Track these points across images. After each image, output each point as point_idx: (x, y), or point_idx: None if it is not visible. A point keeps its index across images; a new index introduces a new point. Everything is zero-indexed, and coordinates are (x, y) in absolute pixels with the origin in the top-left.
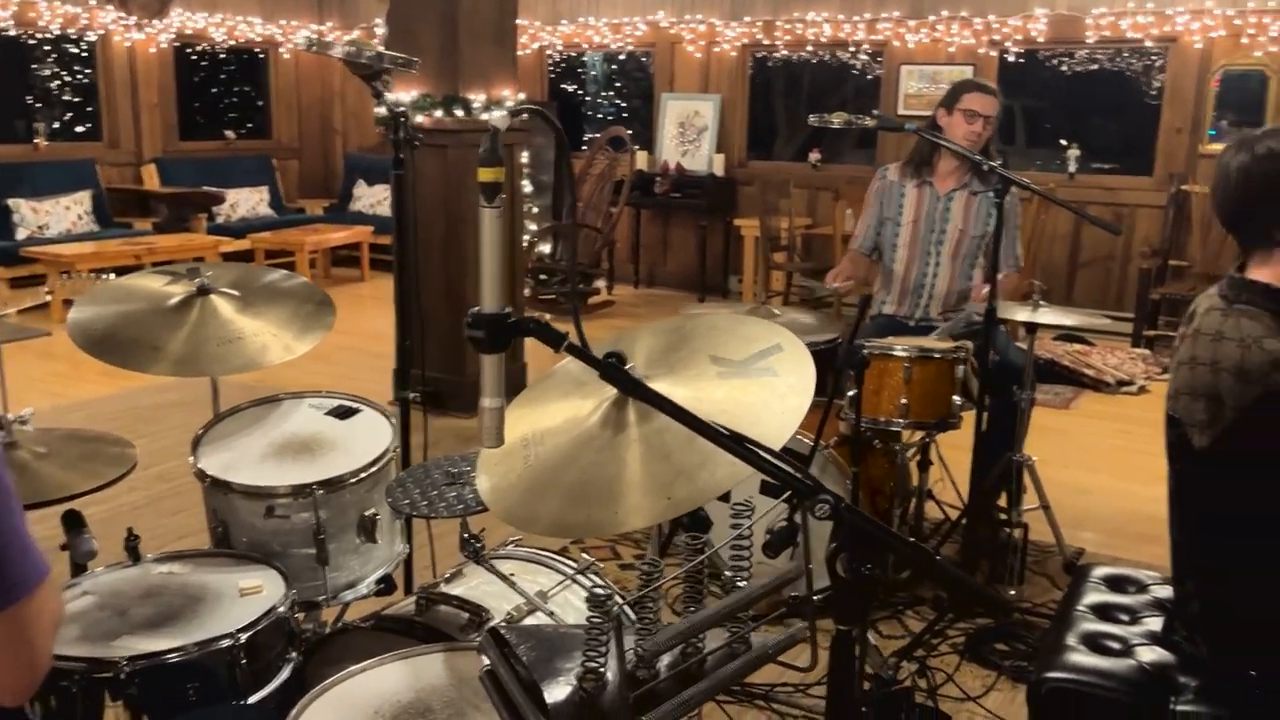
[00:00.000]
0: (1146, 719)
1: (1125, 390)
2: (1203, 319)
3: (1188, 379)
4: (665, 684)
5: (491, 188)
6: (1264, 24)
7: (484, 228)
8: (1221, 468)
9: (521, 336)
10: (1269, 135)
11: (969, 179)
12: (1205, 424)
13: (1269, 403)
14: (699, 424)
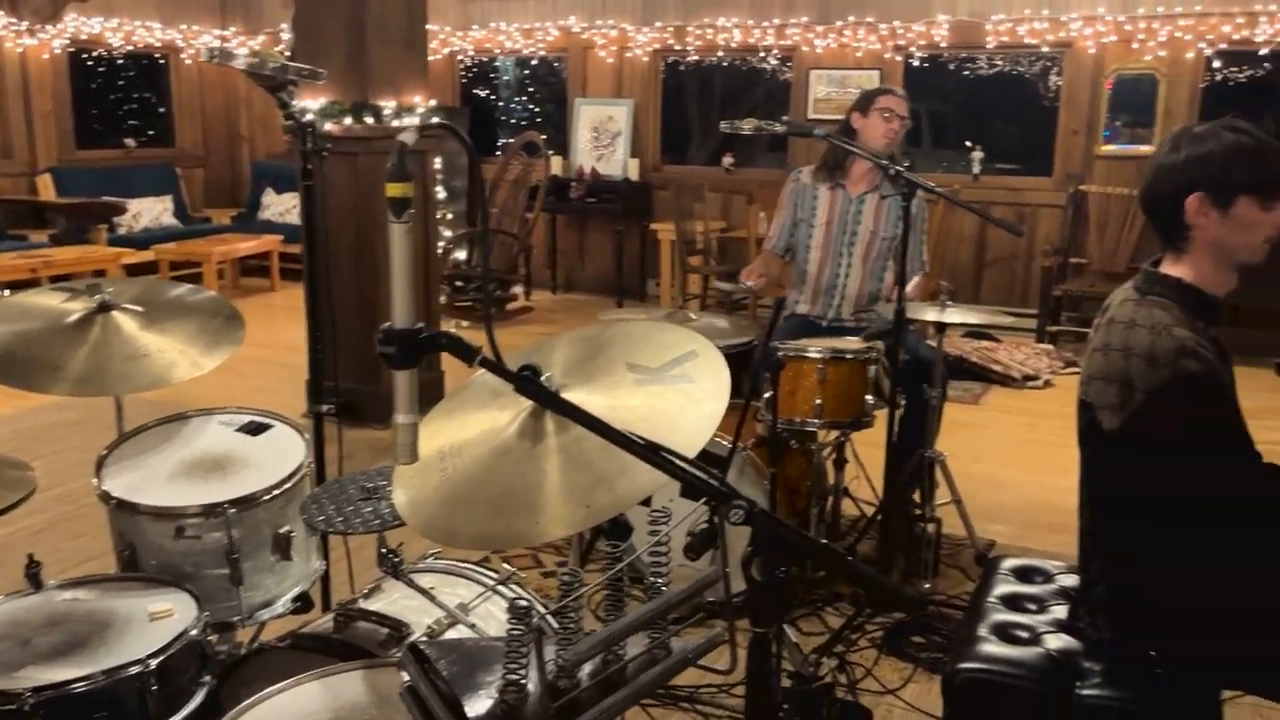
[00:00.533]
0: (1054, 705)
1: (1031, 385)
2: (1117, 309)
3: (1101, 364)
4: (587, 692)
5: (400, 203)
6: (1153, 29)
7: (394, 243)
8: (1128, 449)
9: (434, 352)
10: (1192, 139)
11: (880, 182)
12: (1116, 407)
13: (1176, 386)
14: (614, 434)
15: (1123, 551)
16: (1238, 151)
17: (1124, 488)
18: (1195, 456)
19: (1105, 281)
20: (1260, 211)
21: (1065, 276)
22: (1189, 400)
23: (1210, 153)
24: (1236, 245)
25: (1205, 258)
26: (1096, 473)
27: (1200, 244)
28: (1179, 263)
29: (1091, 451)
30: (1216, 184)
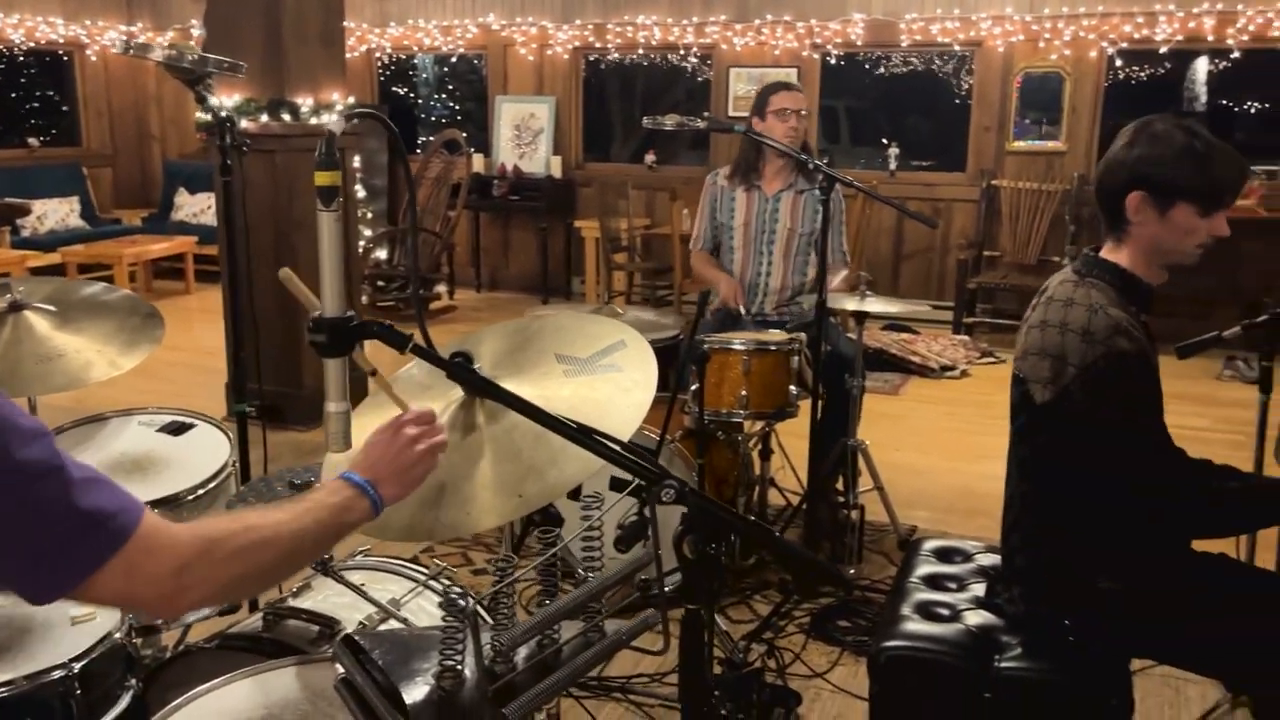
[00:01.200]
0: (975, 678)
1: (949, 375)
2: (1056, 289)
3: (1037, 340)
4: (523, 676)
5: (329, 191)
6: (1058, 28)
7: (323, 232)
8: (1057, 422)
9: (365, 339)
10: (1148, 137)
11: (795, 179)
12: (1048, 380)
13: (1107, 362)
14: (548, 419)
15: (1043, 524)
16: (1186, 157)
17: (1049, 461)
18: (1118, 433)
19: (1018, 273)
20: (1197, 218)
21: (979, 269)
22: (1119, 376)
23: (1160, 155)
24: (1170, 247)
25: (1140, 251)
26: (1025, 445)
27: (1136, 239)
28: (1118, 250)
29: (1021, 424)
30: (1159, 186)
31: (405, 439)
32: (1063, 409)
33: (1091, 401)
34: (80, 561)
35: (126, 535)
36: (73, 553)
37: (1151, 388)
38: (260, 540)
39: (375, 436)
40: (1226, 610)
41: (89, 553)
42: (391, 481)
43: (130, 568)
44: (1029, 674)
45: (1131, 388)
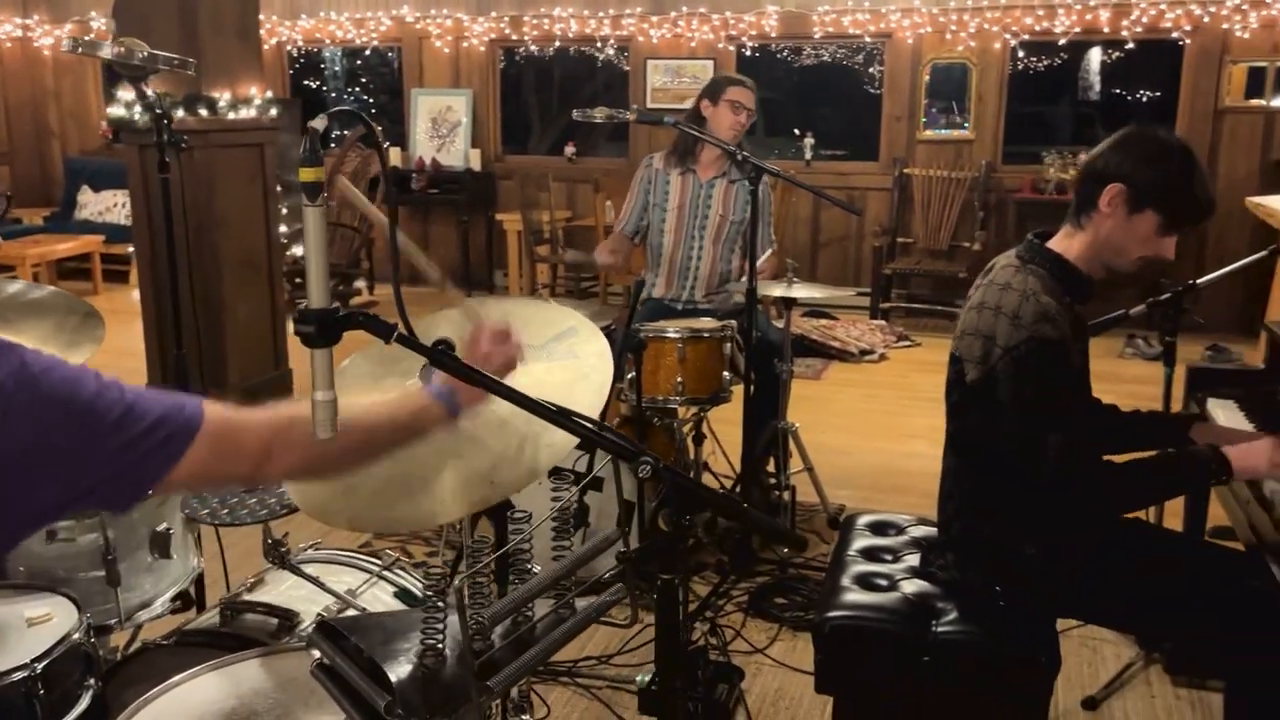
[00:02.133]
0: (913, 643)
1: (868, 359)
2: (998, 272)
3: (974, 320)
4: (501, 652)
5: (314, 187)
6: (964, 21)
7: (308, 226)
8: (983, 402)
9: (351, 329)
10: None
11: (728, 168)
12: (978, 360)
13: (1029, 345)
14: (532, 404)
15: (973, 496)
16: (1176, 175)
17: (978, 437)
18: (1031, 415)
19: (930, 259)
20: (1155, 232)
21: (894, 255)
22: (1039, 361)
23: (1153, 163)
24: (1118, 247)
25: (1091, 243)
26: (957, 421)
27: (1095, 229)
28: (1071, 237)
29: (955, 401)
30: (1140, 188)
31: (481, 356)
32: (988, 390)
33: (1013, 383)
34: (154, 468)
35: (194, 429)
36: (148, 464)
37: (1066, 375)
38: (349, 421)
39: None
40: (1140, 572)
41: (162, 458)
42: (467, 390)
43: (213, 449)
44: (964, 637)
45: (1049, 373)
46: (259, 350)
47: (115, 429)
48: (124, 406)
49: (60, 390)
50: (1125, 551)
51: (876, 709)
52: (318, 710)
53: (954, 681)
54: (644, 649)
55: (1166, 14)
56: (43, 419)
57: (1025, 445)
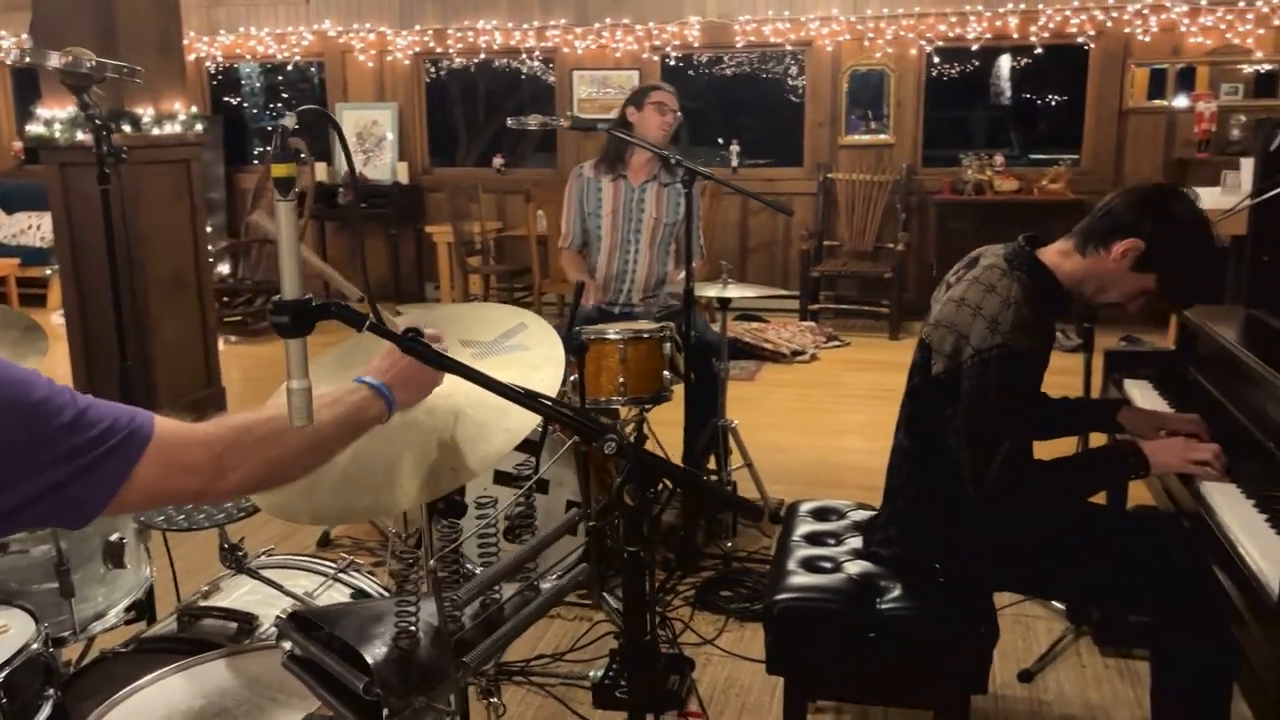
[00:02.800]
0: (860, 620)
1: (799, 359)
2: (983, 270)
3: (951, 313)
4: (472, 632)
5: (285, 182)
6: (880, 28)
7: (280, 220)
8: (944, 394)
9: (324, 319)
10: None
11: (658, 171)
12: (948, 355)
13: (1001, 354)
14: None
15: (919, 475)
16: (1197, 257)
17: (933, 425)
18: (988, 419)
19: (856, 260)
20: (1143, 292)
21: (820, 258)
22: (1005, 369)
23: (1185, 239)
24: (1102, 287)
25: (1086, 273)
26: (915, 404)
27: (1094, 264)
28: (1067, 258)
29: (916, 385)
30: (1155, 259)
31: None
32: (951, 383)
33: (977, 384)
34: (108, 479)
35: (145, 439)
36: (99, 474)
37: (1030, 388)
38: (285, 426)
39: (388, 348)
40: (1072, 545)
41: (114, 467)
42: (403, 387)
43: (163, 466)
44: (907, 613)
45: (1013, 383)
46: (190, 368)
47: (65, 431)
48: (75, 410)
49: (9, 390)
50: (1058, 527)
51: (826, 687)
52: (287, 705)
53: (899, 655)
54: (595, 645)
55: (1072, 19)
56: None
57: (975, 445)
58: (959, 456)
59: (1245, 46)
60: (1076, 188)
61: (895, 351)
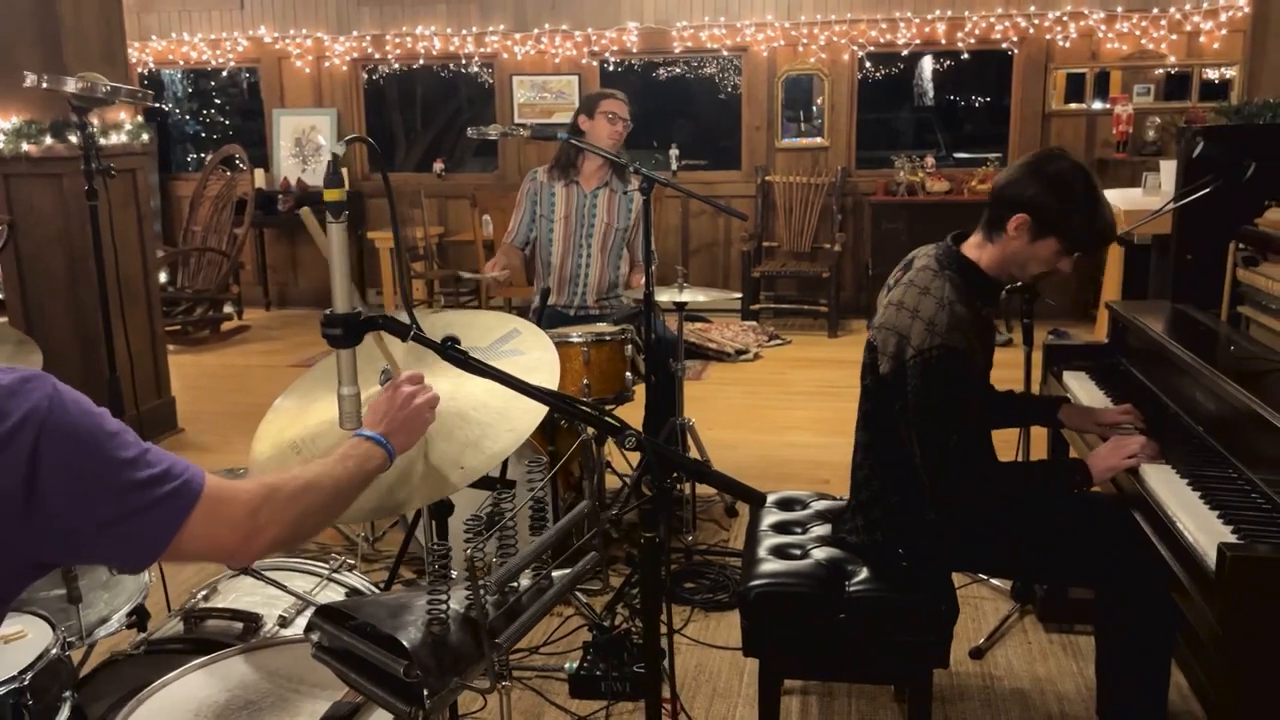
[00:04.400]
0: (831, 602)
1: (744, 358)
2: (916, 273)
3: (892, 317)
4: (496, 621)
5: (337, 205)
6: (814, 34)
7: (332, 240)
8: (893, 392)
9: (372, 330)
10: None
11: (610, 178)
12: (891, 355)
13: (939, 353)
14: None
15: (880, 468)
16: (1077, 206)
17: (888, 420)
18: (934, 417)
19: (795, 261)
20: (1055, 255)
21: (760, 259)
22: (945, 367)
23: (1056, 197)
24: (1020, 263)
25: (998, 258)
26: (870, 401)
27: (1002, 247)
28: (982, 247)
29: (868, 384)
30: (1043, 220)
31: (404, 396)
32: (899, 381)
33: (920, 382)
34: (167, 520)
35: (199, 489)
36: (159, 513)
37: (967, 382)
38: (308, 483)
39: (378, 398)
40: (1021, 526)
41: (173, 510)
42: (399, 433)
43: (210, 517)
44: (873, 594)
45: (954, 379)
46: (141, 379)
47: (130, 466)
48: (140, 449)
49: (87, 421)
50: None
51: (799, 666)
52: (310, 696)
53: (867, 634)
54: (568, 639)
55: (996, 26)
56: (68, 446)
57: (925, 440)
58: (913, 449)
59: (1159, 51)
60: None
61: (835, 349)
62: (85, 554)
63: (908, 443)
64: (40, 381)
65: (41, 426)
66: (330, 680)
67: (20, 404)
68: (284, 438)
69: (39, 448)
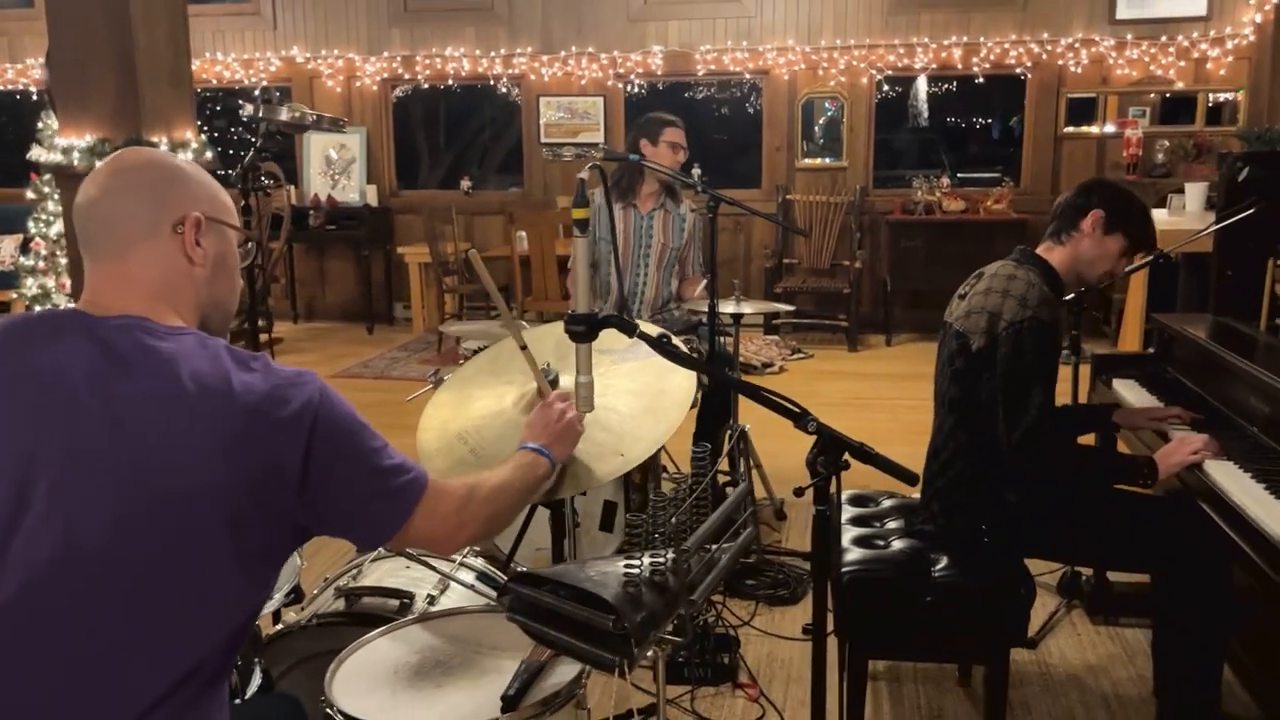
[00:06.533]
0: (918, 587)
1: (769, 371)
2: (999, 268)
3: (981, 302)
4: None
5: (583, 223)
6: (834, 59)
7: (578, 252)
8: (986, 367)
9: (606, 329)
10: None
11: (664, 200)
12: (984, 331)
13: (1032, 324)
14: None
15: (962, 450)
16: (1140, 210)
17: (973, 399)
18: (1022, 376)
19: (815, 277)
20: (1119, 251)
21: (781, 275)
22: (1036, 337)
23: (1126, 199)
24: (1089, 259)
25: (1069, 256)
26: (957, 386)
27: (1075, 244)
28: (1052, 251)
29: (958, 369)
30: (1116, 215)
31: (556, 412)
32: (991, 354)
33: (1011, 350)
34: (402, 506)
35: (426, 480)
36: (397, 499)
37: (1055, 350)
38: (498, 486)
39: (534, 416)
40: (1092, 512)
41: (407, 498)
42: (557, 443)
43: (430, 508)
44: (957, 578)
45: (1042, 346)
46: None
47: (378, 454)
48: (383, 441)
49: (347, 412)
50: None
51: (886, 647)
52: (493, 656)
53: (951, 616)
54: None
55: (1010, 52)
56: (335, 432)
57: (1011, 398)
58: (998, 412)
59: (1167, 77)
60: (1018, 207)
61: (856, 362)
62: (335, 525)
63: (992, 411)
64: (312, 376)
65: (316, 414)
66: (508, 642)
67: (299, 394)
68: (449, 429)
69: (314, 432)
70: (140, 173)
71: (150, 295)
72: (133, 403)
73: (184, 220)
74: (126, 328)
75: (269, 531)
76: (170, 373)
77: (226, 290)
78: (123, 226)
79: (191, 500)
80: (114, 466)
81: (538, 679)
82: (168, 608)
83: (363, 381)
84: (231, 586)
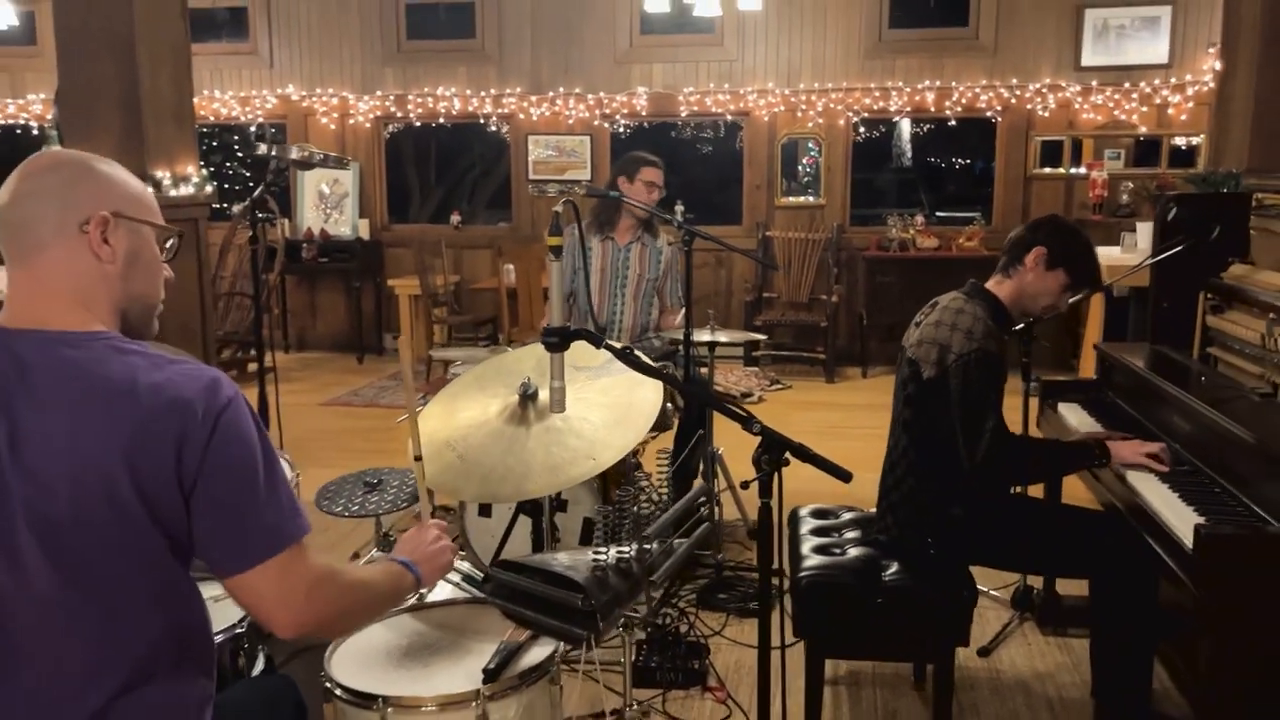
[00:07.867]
0: (868, 590)
1: (748, 401)
2: (949, 302)
3: (931, 333)
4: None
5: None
6: (812, 101)
7: (552, 275)
8: (936, 395)
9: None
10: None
11: (641, 234)
12: (935, 362)
13: (977, 355)
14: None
15: (914, 468)
16: (1083, 250)
17: (925, 422)
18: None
19: (793, 311)
20: (1061, 288)
21: (760, 309)
22: (983, 368)
23: (1069, 237)
24: (1033, 294)
25: (1015, 290)
26: (910, 409)
27: (1019, 280)
28: (999, 286)
29: (910, 393)
30: (1057, 252)
31: (431, 535)
32: (941, 384)
33: (961, 381)
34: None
35: (301, 536)
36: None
37: (1001, 380)
38: (360, 581)
39: (410, 534)
40: (1030, 524)
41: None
42: (425, 563)
43: (287, 566)
44: (905, 582)
45: (989, 377)
46: None
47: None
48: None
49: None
50: (1022, 511)
51: (841, 646)
52: (476, 639)
53: (900, 617)
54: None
55: (981, 96)
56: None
57: (968, 424)
58: (953, 443)
59: (1131, 121)
60: (989, 244)
61: (833, 393)
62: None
63: (946, 438)
64: (229, 385)
65: (218, 420)
66: (490, 628)
67: (208, 399)
68: (437, 437)
69: (213, 436)
70: (49, 174)
71: (64, 297)
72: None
73: (89, 219)
74: (38, 341)
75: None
76: (81, 384)
77: (145, 286)
78: (33, 229)
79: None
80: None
81: (515, 656)
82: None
83: (353, 409)
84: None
